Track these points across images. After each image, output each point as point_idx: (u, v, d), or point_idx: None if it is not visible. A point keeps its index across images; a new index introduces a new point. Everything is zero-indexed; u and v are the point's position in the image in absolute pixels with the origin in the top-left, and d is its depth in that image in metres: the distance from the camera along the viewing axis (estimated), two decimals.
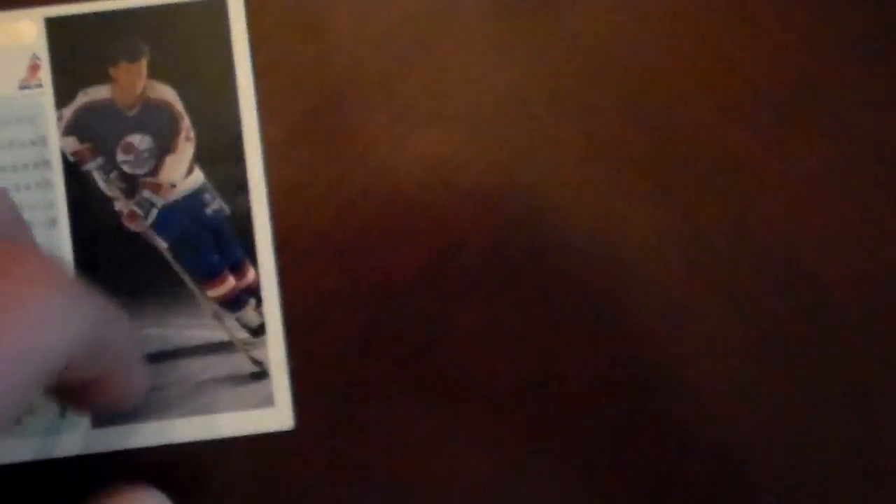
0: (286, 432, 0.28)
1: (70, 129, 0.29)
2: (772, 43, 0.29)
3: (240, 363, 0.28)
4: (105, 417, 0.28)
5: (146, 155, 0.29)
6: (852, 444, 0.28)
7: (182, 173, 0.29)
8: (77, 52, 0.29)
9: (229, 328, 0.29)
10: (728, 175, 0.29)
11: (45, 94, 0.29)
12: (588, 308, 0.29)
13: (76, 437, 0.28)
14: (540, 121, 0.29)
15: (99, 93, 0.29)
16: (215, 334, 0.28)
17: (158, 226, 0.29)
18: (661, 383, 0.29)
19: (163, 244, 0.29)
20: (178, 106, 0.29)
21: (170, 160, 0.29)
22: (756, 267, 0.29)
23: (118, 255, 0.28)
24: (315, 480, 0.28)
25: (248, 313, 0.29)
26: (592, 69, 0.29)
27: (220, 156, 0.29)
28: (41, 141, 0.29)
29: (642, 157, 0.29)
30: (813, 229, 0.29)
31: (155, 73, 0.29)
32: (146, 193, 0.29)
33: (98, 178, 0.29)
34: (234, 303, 0.29)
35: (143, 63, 0.29)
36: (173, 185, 0.29)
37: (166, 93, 0.29)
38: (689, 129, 0.29)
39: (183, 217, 0.29)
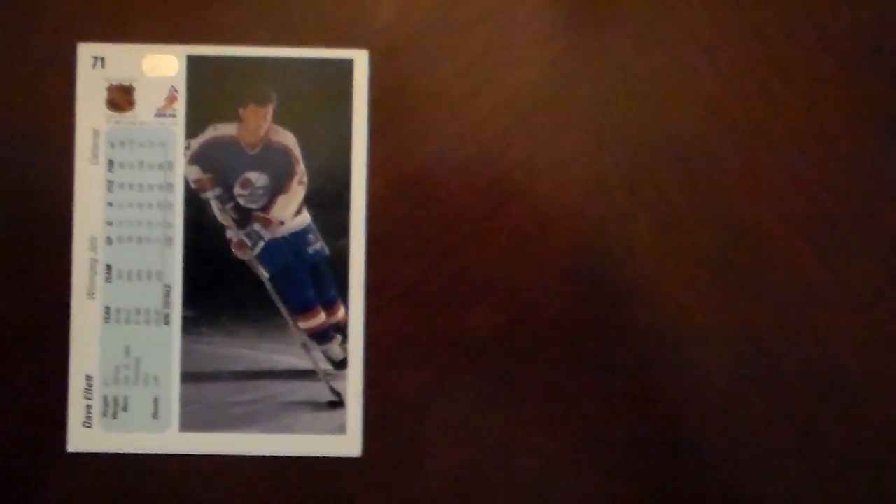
0: (354, 459, 0.31)
1: (195, 159, 0.31)
2: (841, 166, 0.32)
3: (320, 391, 0.31)
4: (193, 422, 0.31)
5: (261, 192, 0.31)
6: None
7: (291, 212, 0.31)
8: (212, 89, 0.31)
9: (315, 359, 0.31)
10: (782, 280, 0.32)
11: (178, 123, 0.31)
12: (638, 383, 0.32)
13: (165, 437, 0.31)
14: (619, 207, 0.32)
15: (226, 129, 0.31)
16: (301, 362, 0.31)
17: (263, 257, 0.31)
18: (694, 458, 0.32)
19: (265, 274, 0.31)
20: (296, 151, 0.31)
21: (282, 199, 0.31)
22: (797, 369, 0.32)
23: (223, 278, 0.31)
24: None
25: (334, 347, 0.31)
26: (673, 167, 0.32)
27: (328, 202, 0.31)
28: (168, 166, 0.31)
29: (707, 254, 0.32)
30: (857, 342, 0.32)
31: (279, 118, 0.31)
32: (256, 226, 0.31)
33: (214, 206, 0.31)
34: (322, 336, 0.31)
35: (270, 108, 0.31)
36: (282, 222, 0.31)
37: (287, 138, 0.31)
38: (753, 234, 0.32)
39: (287, 252, 0.31)
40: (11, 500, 0.31)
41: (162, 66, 0.31)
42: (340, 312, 0.31)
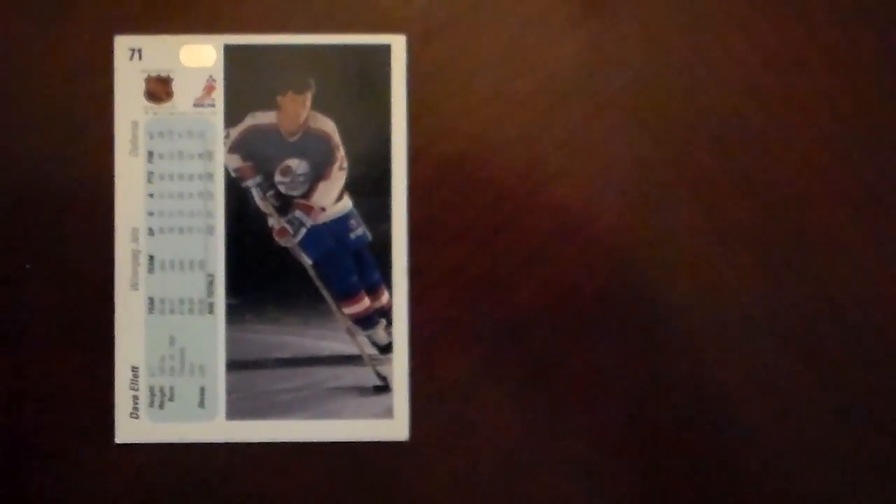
0: (401, 443, 0.31)
1: (235, 148, 0.31)
2: (883, 140, 0.32)
3: (366, 376, 0.31)
4: (239, 411, 0.31)
5: (302, 179, 0.31)
6: None
7: (332, 199, 0.31)
8: (250, 78, 0.31)
9: (360, 344, 0.31)
10: (827, 254, 0.32)
11: (217, 113, 0.31)
12: (684, 360, 0.32)
13: (212, 426, 0.31)
14: (662, 186, 0.32)
15: (265, 117, 0.31)
16: (347, 348, 0.31)
17: (306, 244, 0.31)
18: (738, 436, 0.32)
19: (308, 261, 0.31)
20: (336, 137, 0.31)
21: (322, 186, 0.31)
22: (843, 343, 0.32)
23: (266, 266, 0.31)
24: (423, 489, 0.31)
25: (379, 332, 0.31)
26: (714, 145, 0.32)
27: (369, 187, 0.31)
28: (208, 155, 0.31)
29: (750, 230, 0.32)
30: None
31: (318, 105, 0.31)
32: (298, 213, 0.31)
33: (255, 194, 0.31)
34: (366, 321, 0.31)
35: (309, 95, 0.31)
36: (323, 209, 0.31)
37: (326, 124, 0.31)
38: (795, 210, 0.32)
39: (329, 238, 0.32)
40: (63, 493, 0.31)
41: (199, 57, 0.31)
42: (384, 297, 0.31)
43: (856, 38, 0.32)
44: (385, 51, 0.31)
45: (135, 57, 0.31)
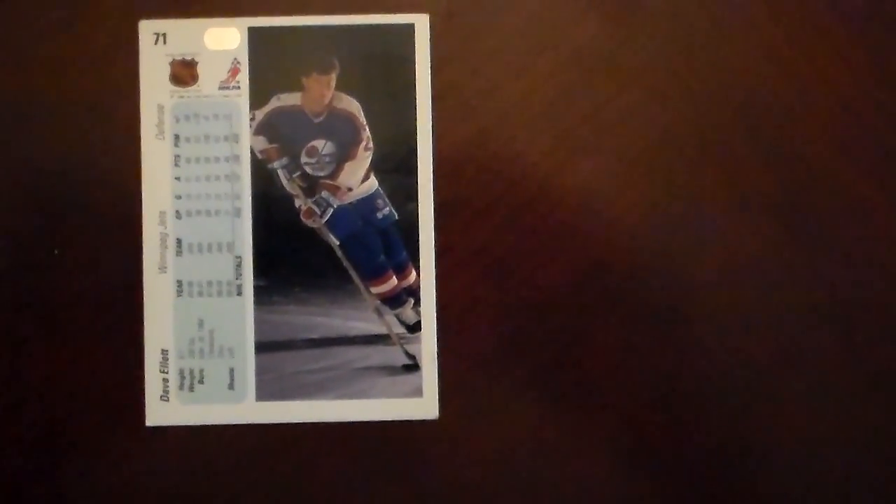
0: (431, 421, 0.31)
1: (261, 130, 0.32)
2: None
3: (395, 355, 0.31)
4: (269, 392, 0.31)
5: (327, 159, 0.32)
6: None
7: (358, 179, 0.32)
8: (274, 60, 0.32)
9: (388, 323, 0.31)
10: (853, 226, 0.32)
11: (242, 95, 0.32)
12: (713, 336, 0.32)
13: (242, 408, 0.31)
14: (688, 161, 0.32)
15: (290, 99, 0.32)
16: (375, 327, 0.31)
17: (332, 224, 0.32)
18: (768, 410, 0.31)
19: (335, 241, 0.32)
20: (361, 118, 0.31)
21: (348, 166, 0.32)
22: (873, 313, 0.31)
23: (294, 247, 0.31)
24: (452, 467, 0.31)
25: (407, 311, 0.31)
26: (740, 119, 0.32)
27: (395, 166, 0.31)
28: (234, 138, 0.32)
29: (777, 203, 0.32)
30: None
31: (343, 85, 0.31)
32: (324, 194, 0.32)
33: (282, 176, 0.32)
34: (394, 300, 0.31)
35: (333, 76, 0.31)
36: (349, 189, 0.32)
37: (351, 105, 0.31)
38: (823, 182, 0.32)
39: (355, 218, 0.32)
40: (95, 476, 0.31)
41: (223, 40, 0.32)
42: (412, 276, 0.31)
43: (879, 8, 0.32)
44: (408, 30, 0.32)
45: (159, 41, 0.32)
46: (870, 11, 0.32)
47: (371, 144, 0.31)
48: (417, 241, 0.31)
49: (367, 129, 0.31)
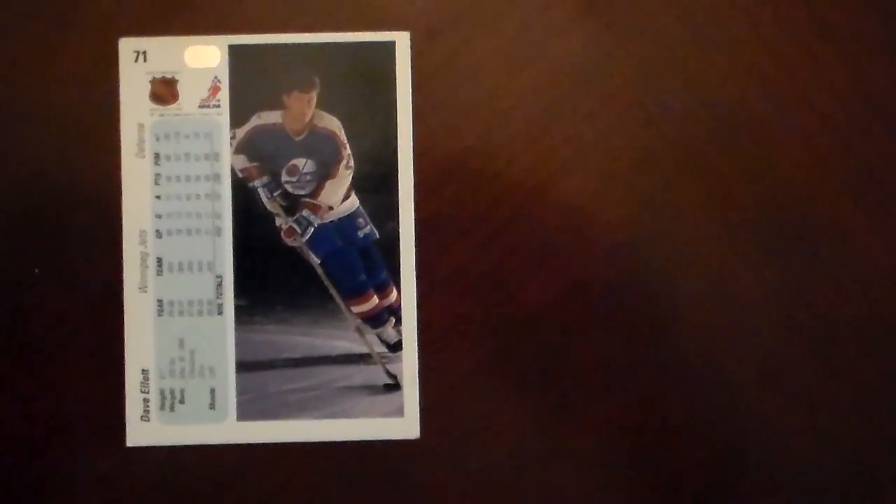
0: (412, 441, 0.31)
1: (241, 148, 0.31)
2: (888, 128, 0.32)
3: (376, 375, 0.31)
4: (250, 412, 0.31)
5: (308, 178, 0.31)
6: None
7: (339, 197, 0.31)
8: (255, 78, 0.31)
9: (369, 342, 0.31)
10: (832, 243, 0.32)
11: (222, 114, 0.31)
12: (694, 353, 0.32)
13: (223, 428, 0.31)
14: (667, 179, 0.32)
15: (271, 117, 0.31)
16: (356, 346, 0.31)
17: (313, 243, 0.31)
18: (749, 426, 0.31)
19: (316, 260, 0.31)
20: (342, 136, 0.31)
21: (329, 185, 0.31)
22: (852, 331, 0.31)
23: (275, 266, 0.31)
24: (435, 487, 0.31)
25: (388, 330, 0.31)
26: (721, 137, 0.32)
27: (376, 185, 0.31)
28: (214, 156, 0.31)
29: (757, 221, 0.32)
30: None
31: (323, 103, 0.31)
32: (305, 213, 0.31)
33: (262, 194, 0.31)
34: (375, 319, 0.31)
35: (314, 94, 0.31)
36: (330, 208, 0.31)
37: (332, 123, 0.31)
38: (804, 201, 0.32)
39: (336, 237, 0.31)
40: (76, 497, 0.31)
41: (204, 58, 0.31)
42: (393, 295, 0.31)
43: (862, 26, 0.32)
44: (389, 48, 0.31)
45: (140, 59, 0.31)
46: (853, 30, 0.32)
47: (352, 163, 0.31)
48: (398, 259, 0.31)
49: (348, 148, 0.31)
